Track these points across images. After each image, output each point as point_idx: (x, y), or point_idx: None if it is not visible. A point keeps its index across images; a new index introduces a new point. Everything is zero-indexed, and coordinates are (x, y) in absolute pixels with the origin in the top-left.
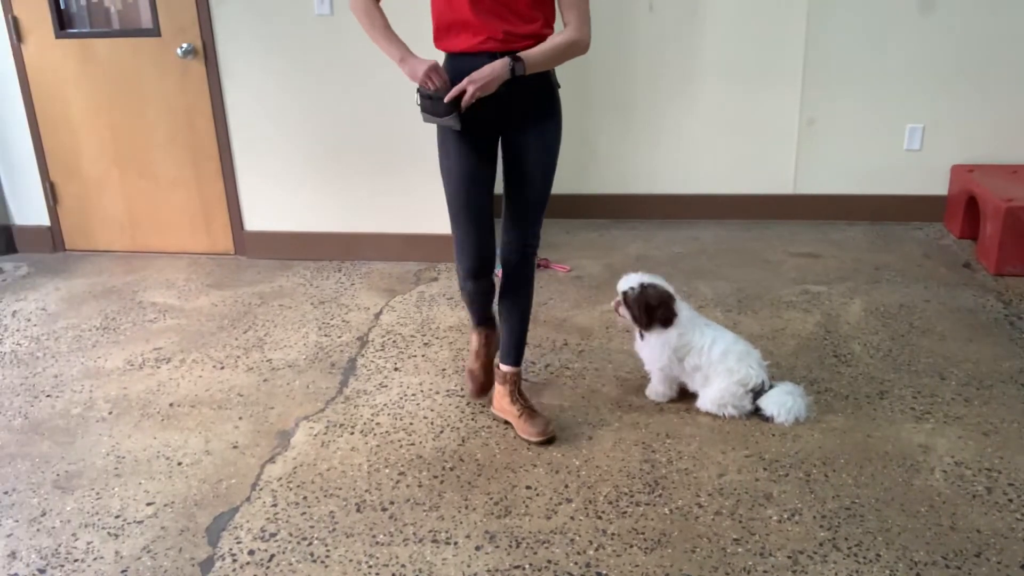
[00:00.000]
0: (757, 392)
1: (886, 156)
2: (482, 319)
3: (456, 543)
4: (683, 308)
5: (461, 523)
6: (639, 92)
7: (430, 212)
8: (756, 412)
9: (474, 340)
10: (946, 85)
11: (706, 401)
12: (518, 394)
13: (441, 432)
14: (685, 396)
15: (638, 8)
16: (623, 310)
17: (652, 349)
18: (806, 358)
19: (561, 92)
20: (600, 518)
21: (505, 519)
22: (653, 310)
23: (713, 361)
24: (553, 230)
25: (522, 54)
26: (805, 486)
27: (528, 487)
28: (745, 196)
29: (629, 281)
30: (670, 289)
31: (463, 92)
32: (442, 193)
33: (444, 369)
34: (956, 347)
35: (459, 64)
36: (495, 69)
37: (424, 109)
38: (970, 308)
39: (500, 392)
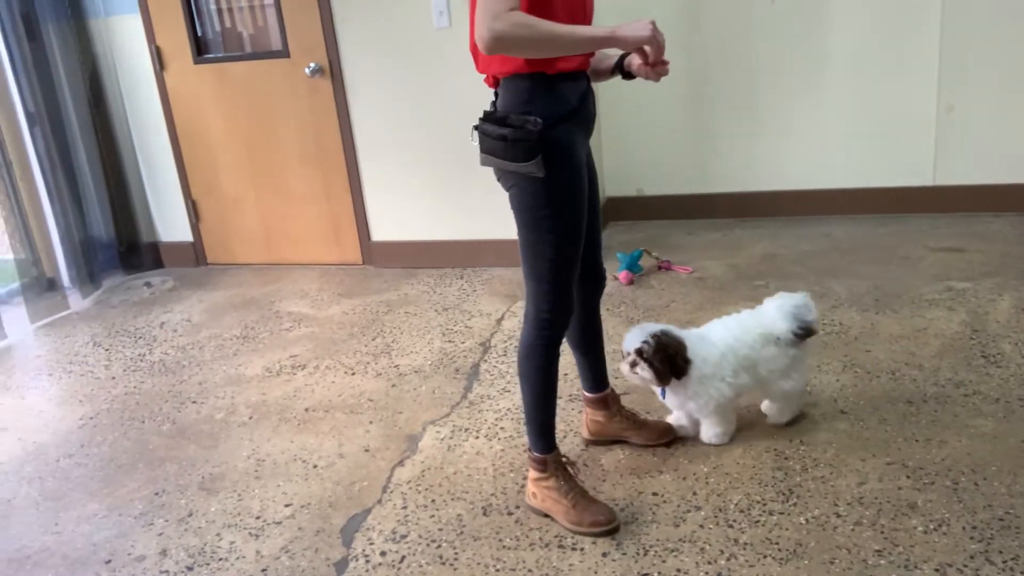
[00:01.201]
0: (806, 331)
1: None
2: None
3: (582, 549)
4: (687, 334)
5: None
6: (761, 86)
7: None
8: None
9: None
10: None
11: (779, 413)
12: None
13: (564, 437)
14: (820, 400)
15: (758, 0)
16: (642, 369)
17: (696, 390)
18: (951, 359)
19: (675, 88)
20: (731, 527)
21: (632, 526)
22: (674, 359)
23: (737, 350)
24: (674, 231)
25: None
26: (953, 495)
27: (655, 494)
28: (880, 189)
29: (637, 336)
30: (678, 334)
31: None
32: None
33: (566, 373)
34: None
35: (565, 89)
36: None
37: (497, 151)
38: None
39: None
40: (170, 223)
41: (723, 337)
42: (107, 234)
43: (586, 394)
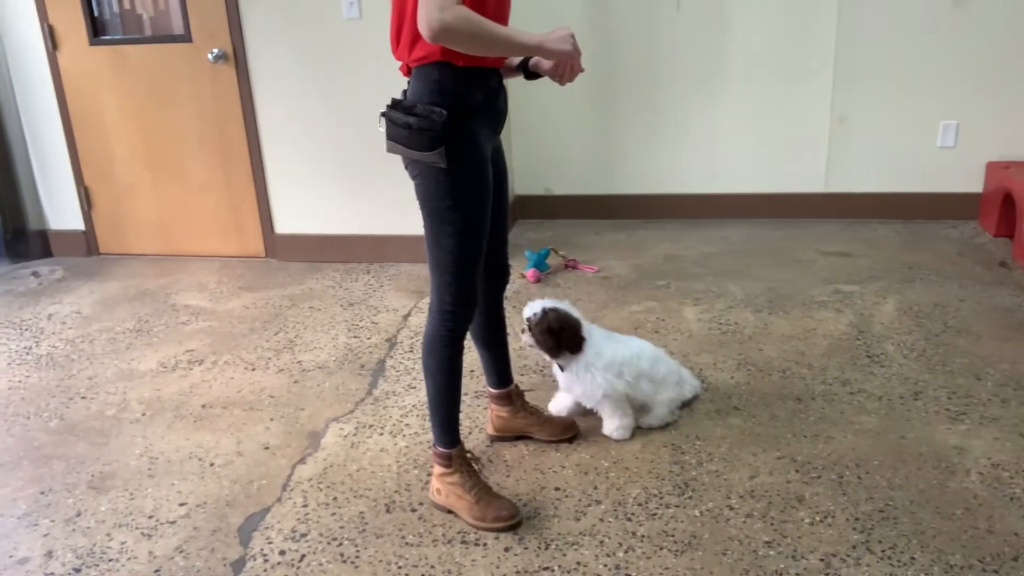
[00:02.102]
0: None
1: (919, 153)
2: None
3: (485, 544)
4: (595, 330)
5: None
6: (666, 91)
7: None
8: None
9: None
10: (981, 80)
11: (655, 418)
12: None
13: (470, 433)
14: (715, 396)
15: (664, 6)
16: (526, 338)
17: (584, 379)
18: (838, 359)
19: (584, 91)
20: (630, 520)
21: (534, 520)
22: (557, 334)
23: (646, 369)
24: (581, 231)
25: None
26: (838, 488)
27: (557, 488)
28: (775, 195)
29: (532, 308)
30: (576, 314)
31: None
32: None
33: (472, 370)
34: (992, 347)
35: (474, 84)
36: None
37: (402, 139)
38: (1007, 307)
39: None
40: (60, 210)
41: (640, 349)
42: None
43: (490, 390)
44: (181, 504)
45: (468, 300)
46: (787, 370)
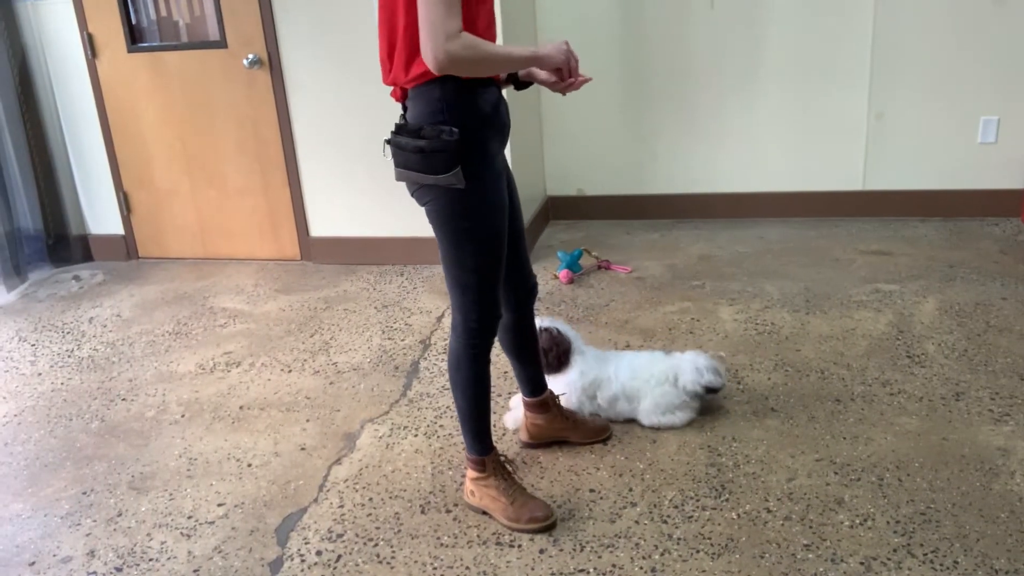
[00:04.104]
0: (710, 389)
1: (959, 150)
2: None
3: (520, 546)
4: (587, 350)
5: None
6: (699, 89)
7: None
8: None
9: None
10: (1022, 75)
11: (644, 415)
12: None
13: (504, 435)
14: (751, 398)
15: (698, 4)
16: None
17: (564, 391)
18: (878, 359)
19: (616, 90)
20: (665, 522)
21: (569, 522)
22: (546, 353)
23: (625, 383)
24: (614, 231)
25: None
26: (878, 490)
27: (591, 490)
28: (812, 193)
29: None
30: (570, 334)
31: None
32: None
33: (506, 372)
34: None
35: (478, 98)
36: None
37: (414, 165)
38: None
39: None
40: (100, 216)
41: (617, 368)
42: (34, 226)
43: (525, 399)
44: (219, 504)
45: (493, 315)
46: (825, 371)
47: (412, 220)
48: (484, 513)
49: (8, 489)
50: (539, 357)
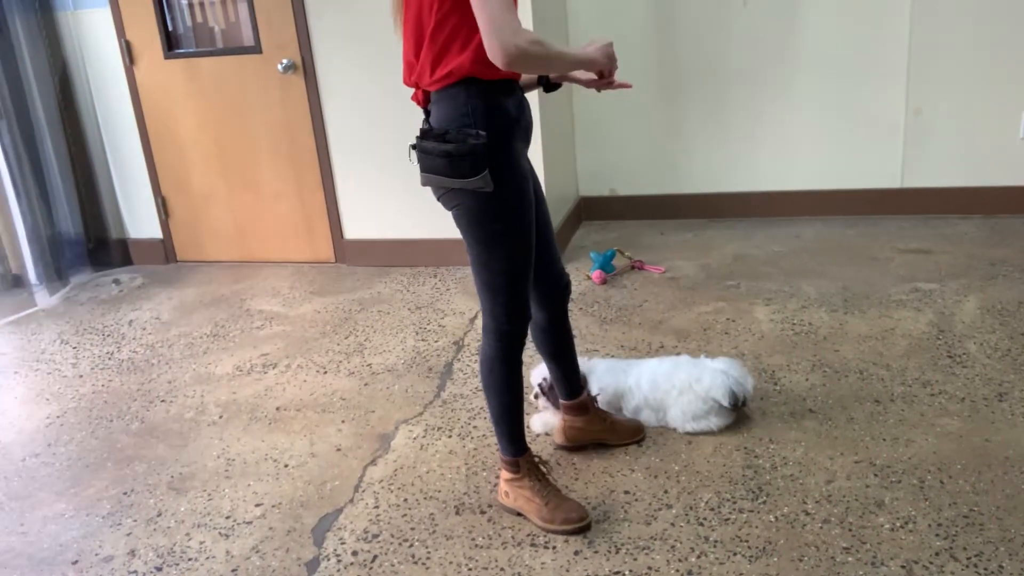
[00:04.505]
0: (736, 402)
1: (1000, 145)
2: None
3: (554, 547)
4: (599, 363)
5: None
6: (733, 86)
7: None
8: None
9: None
10: None
11: (676, 424)
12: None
13: (537, 436)
14: (788, 399)
15: (731, 1)
16: (542, 401)
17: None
18: (918, 359)
19: (648, 89)
20: (702, 525)
21: (603, 524)
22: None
23: (647, 394)
24: (647, 231)
25: None
26: (919, 493)
27: (626, 492)
28: (849, 191)
29: (540, 373)
30: (582, 368)
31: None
32: None
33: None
34: None
35: (502, 100)
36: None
37: (441, 169)
38: None
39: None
40: (139, 220)
41: (638, 376)
42: (75, 231)
43: (563, 401)
44: (257, 505)
45: (523, 316)
46: (864, 371)
47: (445, 222)
48: (518, 514)
49: (51, 489)
50: (575, 356)
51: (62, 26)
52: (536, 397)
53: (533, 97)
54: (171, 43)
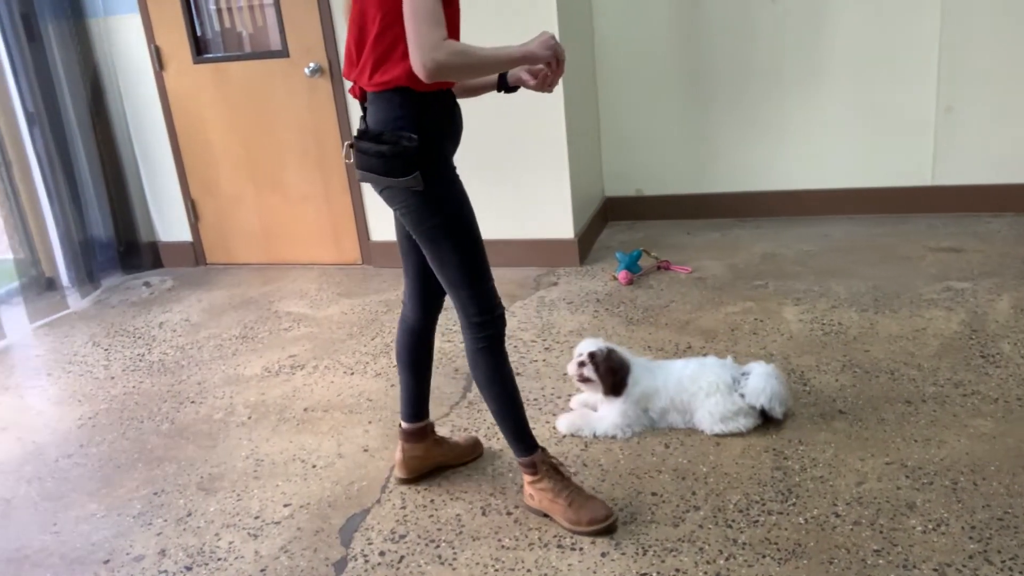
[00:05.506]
0: (767, 415)
1: None
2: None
3: (581, 549)
4: (637, 360)
5: None
6: (760, 85)
7: (549, 218)
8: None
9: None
10: None
11: (704, 426)
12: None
13: (564, 437)
14: (818, 400)
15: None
16: (588, 371)
17: (611, 412)
18: (950, 359)
19: (675, 88)
20: (730, 527)
21: (631, 525)
22: (616, 373)
23: (673, 396)
24: (673, 231)
25: None
26: (952, 495)
27: (654, 493)
28: (878, 189)
29: (592, 344)
30: (623, 352)
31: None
32: (560, 198)
33: (565, 374)
34: None
35: (434, 105)
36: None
37: (376, 168)
38: None
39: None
40: (169, 223)
41: (665, 379)
42: (106, 234)
43: (405, 425)
44: (285, 505)
45: (492, 305)
46: (895, 371)
47: None
48: (545, 516)
49: (83, 489)
50: (430, 376)
51: (93, 32)
52: (581, 365)
53: (558, 100)
54: (200, 48)
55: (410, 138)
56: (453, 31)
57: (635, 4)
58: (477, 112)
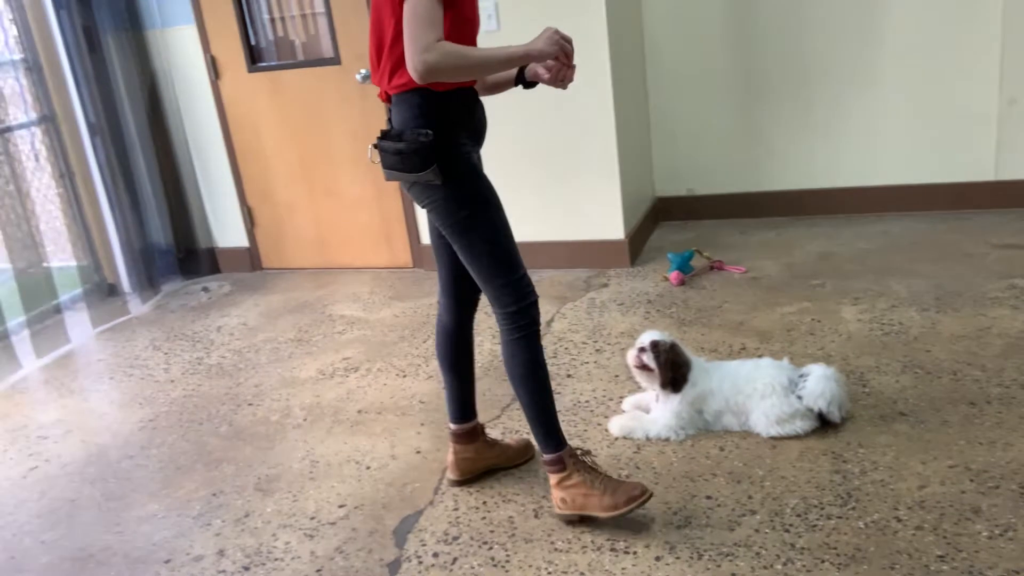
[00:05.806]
0: (825, 418)
1: None
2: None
3: (635, 552)
4: (695, 360)
5: (639, 532)
6: (815, 81)
7: (599, 219)
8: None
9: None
10: None
11: (759, 429)
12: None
13: (616, 439)
14: (878, 401)
15: None
16: (648, 358)
17: (664, 413)
18: (1016, 359)
19: (726, 85)
20: (788, 531)
21: (685, 529)
22: (678, 369)
23: (728, 397)
24: (726, 231)
25: None
26: (1019, 499)
27: (708, 497)
28: (939, 185)
29: (653, 335)
30: (689, 356)
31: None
32: (610, 199)
33: (617, 376)
34: None
35: (453, 104)
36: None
37: (396, 165)
38: None
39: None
40: (226, 229)
41: (720, 380)
42: (166, 241)
43: (453, 427)
44: (340, 506)
45: (527, 293)
46: (958, 372)
47: (519, 225)
48: (583, 519)
49: (145, 490)
50: (473, 375)
51: (151, 43)
52: (642, 351)
53: (607, 100)
54: (254, 57)
55: (426, 134)
56: (466, 34)
57: (685, 1)
58: (526, 113)
